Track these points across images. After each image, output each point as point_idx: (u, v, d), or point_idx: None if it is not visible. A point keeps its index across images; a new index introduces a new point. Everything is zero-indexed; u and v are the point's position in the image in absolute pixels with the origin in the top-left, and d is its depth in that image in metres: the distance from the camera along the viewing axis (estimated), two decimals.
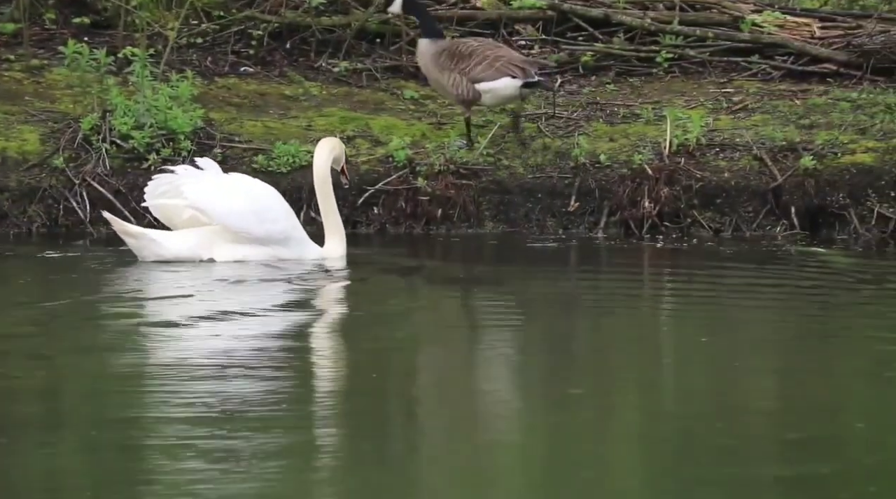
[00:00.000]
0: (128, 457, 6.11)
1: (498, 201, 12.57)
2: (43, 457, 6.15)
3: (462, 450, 6.25)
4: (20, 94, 12.82)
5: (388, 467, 6.01)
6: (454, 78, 12.25)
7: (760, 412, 6.93)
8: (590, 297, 10.11)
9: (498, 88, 12.34)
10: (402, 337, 8.62)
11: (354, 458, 6.13)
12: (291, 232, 10.85)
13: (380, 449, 6.21)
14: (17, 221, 11.99)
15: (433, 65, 12.35)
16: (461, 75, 12.26)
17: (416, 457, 6.17)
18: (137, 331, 8.59)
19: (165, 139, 12.25)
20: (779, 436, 6.51)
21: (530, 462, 6.16)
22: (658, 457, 6.18)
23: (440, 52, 12.36)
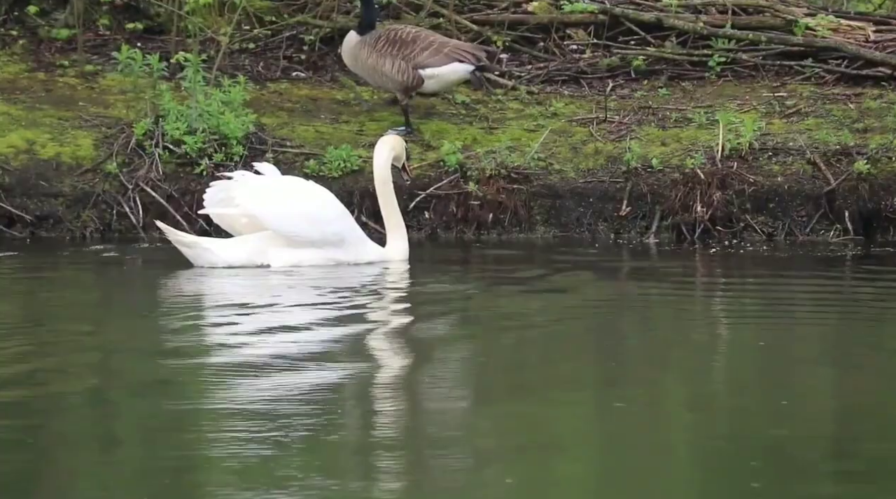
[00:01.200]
0: (185, 471, 6.14)
1: (549, 206, 12.55)
2: (100, 453, 6.19)
3: (534, 458, 6.25)
4: (74, 99, 12.89)
5: (459, 473, 6.01)
6: (398, 64, 12.32)
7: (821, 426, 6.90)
8: (645, 301, 10.07)
9: (445, 74, 12.47)
10: (469, 339, 8.60)
11: (418, 467, 6.13)
12: (347, 234, 10.83)
13: (448, 454, 6.21)
14: (71, 226, 12.05)
15: (371, 52, 12.38)
16: (405, 61, 12.29)
17: (489, 467, 6.16)
18: (194, 335, 8.61)
19: (218, 144, 12.28)
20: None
21: (593, 466, 6.15)
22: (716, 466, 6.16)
23: (376, 39, 12.44)
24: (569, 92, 13.85)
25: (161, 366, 7.79)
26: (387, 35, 12.46)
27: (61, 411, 6.91)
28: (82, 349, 8.28)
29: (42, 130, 12.41)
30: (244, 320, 8.98)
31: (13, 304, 9.80)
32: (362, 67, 12.53)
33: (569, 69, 14.03)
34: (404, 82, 12.35)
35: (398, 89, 12.47)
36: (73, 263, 11.33)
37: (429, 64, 12.37)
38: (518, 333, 8.81)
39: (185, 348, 8.20)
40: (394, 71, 12.28)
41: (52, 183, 12.11)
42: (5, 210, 11.90)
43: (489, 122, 13.18)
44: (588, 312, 9.50)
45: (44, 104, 12.76)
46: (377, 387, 7.40)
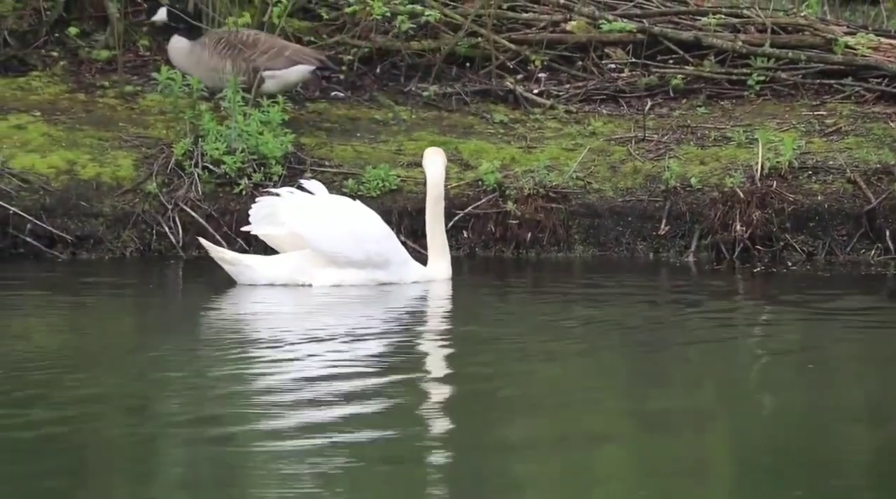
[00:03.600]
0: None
1: (588, 225, 12.52)
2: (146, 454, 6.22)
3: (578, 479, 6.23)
4: (114, 120, 12.94)
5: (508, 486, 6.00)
6: (239, 65, 12.43)
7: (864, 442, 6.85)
8: (688, 320, 10.01)
9: (286, 76, 12.60)
10: (512, 359, 8.56)
11: (464, 480, 6.11)
12: (391, 254, 10.81)
13: (504, 484, 6.19)
14: (112, 246, 12.09)
15: (212, 54, 12.47)
16: (245, 62, 12.40)
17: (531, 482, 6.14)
18: (238, 354, 8.60)
19: (257, 164, 12.31)
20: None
21: (632, 484, 6.13)
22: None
23: (216, 41, 12.54)
24: (607, 111, 13.83)
25: (203, 389, 7.78)
26: (227, 38, 12.62)
27: (104, 430, 6.91)
28: (125, 372, 8.29)
29: (82, 150, 12.46)
30: (285, 342, 8.96)
31: (57, 323, 9.83)
32: (202, 69, 12.55)
33: (607, 88, 14.02)
34: (244, 83, 12.44)
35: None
36: (114, 283, 11.36)
37: (271, 66, 12.59)
38: (560, 355, 8.75)
39: (226, 368, 8.18)
40: (235, 72, 12.42)
41: (93, 203, 12.15)
42: (46, 230, 11.95)
43: (527, 141, 13.17)
44: (631, 335, 9.44)
45: (84, 125, 12.82)
46: (422, 412, 7.35)
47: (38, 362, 8.41)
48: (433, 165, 11.11)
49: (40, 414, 7.14)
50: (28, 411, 7.20)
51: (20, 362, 8.40)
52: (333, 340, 8.94)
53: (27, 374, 8.07)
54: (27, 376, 8.02)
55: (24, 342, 9.09)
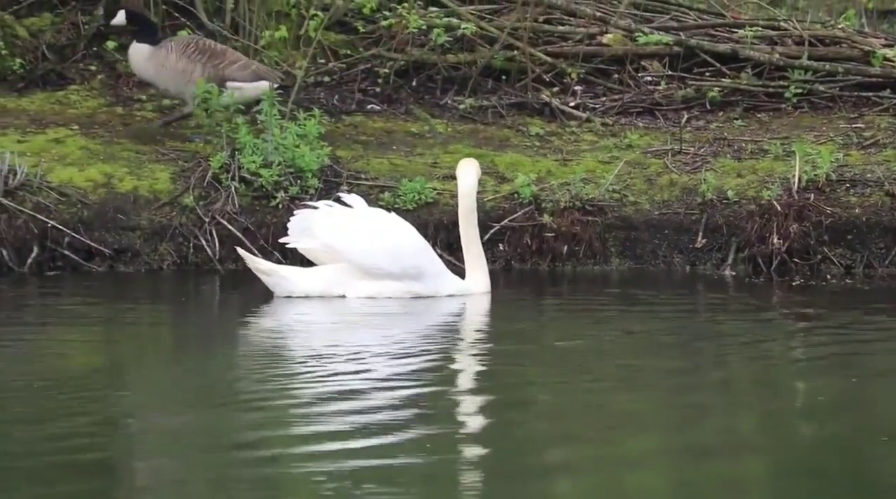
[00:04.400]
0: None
1: (624, 238, 12.50)
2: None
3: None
4: (152, 133, 12.99)
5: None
6: (208, 71, 12.47)
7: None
8: (726, 335, 9.96)
9: (249, 89, 12.63)
10: (548, 376, 8.53)
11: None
12: (427, 267, 10.81)
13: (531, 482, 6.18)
14: (149, 259, 12.12)
15: (180, 57, 12.49)
16: (214, 69, 12.46)
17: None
18: (273, 370, 8.61)
19: (293, 177, 12.33)
20: None
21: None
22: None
23: (184, 46, 12.56)
24: (643, 124, 13.81)
25: (239, 405, 7.79)
26: (196, 44, 12.66)
27: (140, 446, 6.93)
28: (161, 387, 8.32)
29: (120, 163, 12.51)
30: (320, 356, 8.95)
31: (94, 337, 9.86)
32: (167, 72, 12.55)
33: (643, 101, 14.00)
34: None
35: (193, 96, 12.54)
36: (151, 296, 11.39)
37: (236, 77, 12.61)
38: (597, 371, 8.70)
39: (261, 383, 8.19)
40: (204, 77, 12.48)
41: (130, 216, 12.19)
42: (84, 243, 12.00)
43: (563, 154, 13.16)
44: (669, 350, 9.38)
45: (122, 138, 12.87)
46: (458, 431, 7.32)
47: (75, 377, 8.44)
48: (466, 175, 11.12)
49: (76, 428, 7.15)
50: (64, 425, 7.22)
51: (56, 376, 8.43)
52: (369, 355, 8.93)
53: (64, 388, 8.10)
54: (64, 389, 8.05)
55: (61, 356, 9.12)
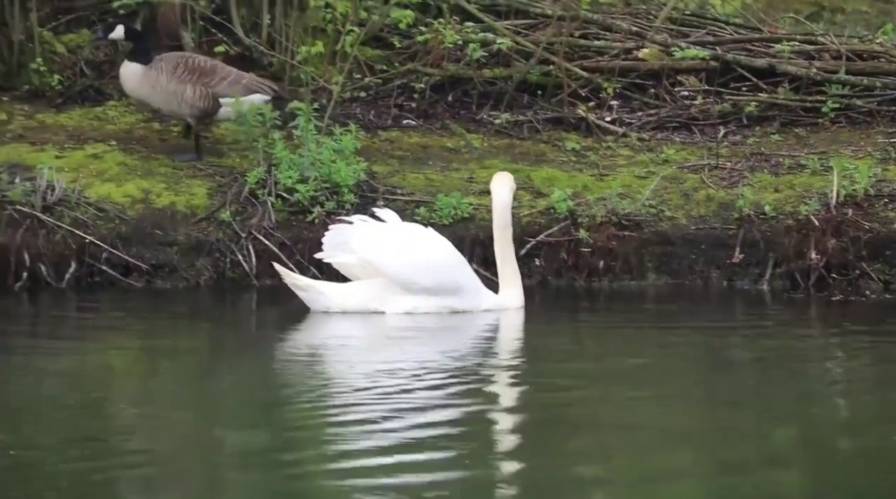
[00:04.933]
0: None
1: (661, 253, 12.46)
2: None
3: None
4: (188, 149, 13.02)
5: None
6: (199, 90, 12.42)
7: None
8: (764, 351, 9.90)
9: (243, 103, 12.57)
10: (585, 394, 8.48)
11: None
12: (463, 282, 10.80)
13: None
14: (186, 275, 12.15)
15: (170, 78, 12.45)
16: (205, 88, 12.41)
17: None
18: (310, 386, 8.60)
19: (329, 192, 12.34)
20: None
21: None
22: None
23: (174, 66, 12.51)
24: (680, 138, 13.78)
25: (275, 421, 7.78)
26: (185, 63, 12.61)
27: (177, 461, 6.93)
28: (198, 403, 8.32)
29: (157, 179, 12.55)
30: (357, 373, 8.92)
31: (131, 354, 9.88)
32: (159, 93, 12.53)
33: (680, 116, 13.97)
34: (203, 108, 12.49)
35: (194, 115, 12.55)
36: (188, 311, 11.42)
37: (228, 93, 12.58)
38: (634, 387, 8.65)
39: (297, 400, 8.18)
40: (195, 97, 12.44)
41: (167, 232, 12.22)
42: (122, 259, 12.03)
43: (600, 168, 13.14)
44: (706, 366, 9.33)
45: (159, 154, 12.91)
46: (494, 449, 7.28)
47: (113, 394, 8.45)
48: (500, 189, 11.11)
49: (117, 446, 7.16)
50: (104, 442, 7.23)
51: (95, 393, 8.45)
52: (405, 372, 8.90)
53: (103, 404, 8.11)
54: (102, 406, 8.06)
55: (99, 372, 9.14)
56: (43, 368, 9.14)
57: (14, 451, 6.89)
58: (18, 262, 11.85)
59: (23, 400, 8.19)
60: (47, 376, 8.93)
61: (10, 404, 8.12)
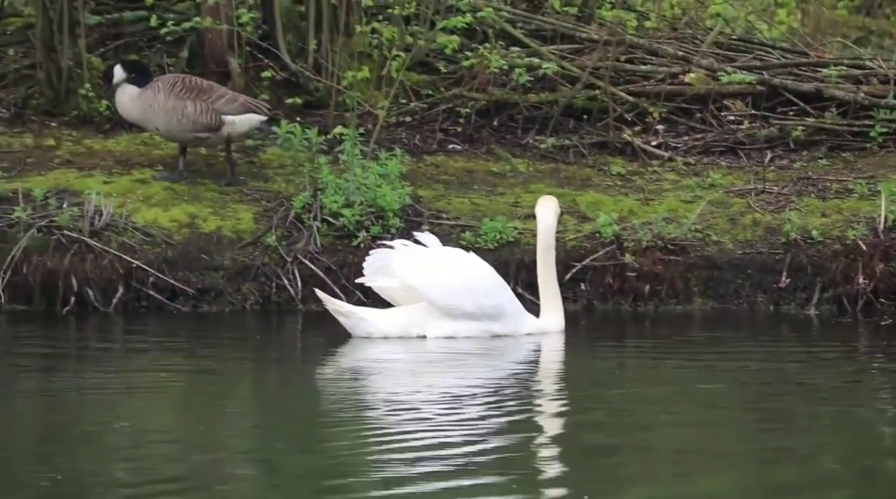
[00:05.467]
0: None
1: (707, 277, 12.41)
2: None
3: None
4: (235, 173, 13.06)
5: None
6: (200, 106, 12.46)
7: None
8: (812, 377, 9.80)
9: (240, 122, 12.63)
10: (628, 420, 8.41)
11: None
12: (505, 307, 10.79)
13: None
14: (232, 299, 12.18)
15: (168, 96, 12.49)
16: (206, 104, 12.47)
17: None
18: (352, 414, 8.58)
19: (374, 217, 12.37)
20: None
21: None
22: None
23: (171, 84, 12.56)
24: (726, 163, 13.74)
25: (319, 449, 7.78)
26: (182, 82, 12.66)
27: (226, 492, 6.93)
28: (242, 429, 8.33)
29: (204, 204, 12.60)
30: (399, 401, 8.86)
31: (177, 380, 9.91)
32: (158, 111, 12.53)
33: (726, 140, 13.93)
34: (206, 124, 12.54)
35: (197, 131, 12.56)
36: (234, 336, 11.44)
37: (227, 111, 12.62)
38: (678, 414, 8.57)
39: (340, 428, 8.16)
40: (197, 113, 12.49)
41: (214, 256, 12.27)
42: (168, 283, 12.08)
43: (645, 193, 13.11)
44: (752, 393, 9.21)
45: (205, 178, 12.97)
46: (535, 478, 7.24)
47: (158, 422, 8.46)
48: (544, 213, 11.10)
49: (160, 469, 7.18)
50: (148, 465, 7.25)
51: (140, 420, 8.48)
52: (447, 398, 8.87)
53: (147, 431, 8.13)
54: (148, 433, 8.08)
55: (144, 398, 9.17)
56: (91, 392, 9.18)
57: (60, 475, 6.91)
58: (66, 286, 11.92)
59: (69, 425, 8.22)
60: (96, 399, 8.96)
61: (57, 427, 8.15)
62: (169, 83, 12.63)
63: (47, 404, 8.81)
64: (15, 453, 7.51)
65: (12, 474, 7.03)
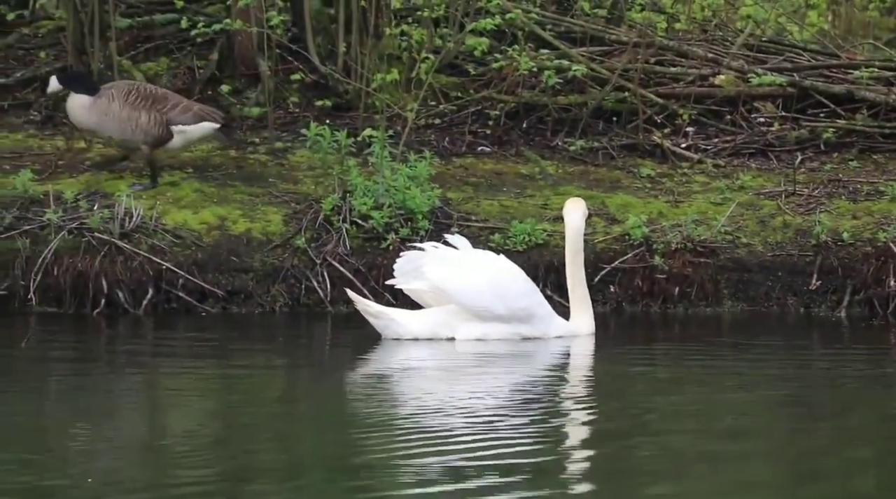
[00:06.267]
0: None
1: (737, 279, 12.38)
2: None
3: None
4: (264, 175, 13.11)
5: None
6: (153, 116, 12.41)
7: None
8: (843, 381, 9.72)
9: (193, 131, 12.60)
10: (658, 425, 8.35)
11: None
12: (535, 309, 10.78)
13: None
14: (261, 301, 12.20)
15: (123, 105, 12.43)
16: (159, 114, 12.40)
17: None
18: (380, 418, 8.58)
19: (404, 219, 12.37)
20: None
21: None
22: None
23: (125, 93, 12.49)
24: (756, 165, 13.70)
25: (348, 453, 7.78)
26: (136, 90, 12.61)
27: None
28: (272, 433, 8.35)
29: (233, 206, 12.63)
30: (428, 407, 8.82)
31: (206, 383, 9.93)
32: (112, 120, 12.50)
33: (756, 142, 13.89)
34: (158, 135, 12.50)
35: (148, 142, 12.52)
36: (263, 337, 11.46)
37: (181, 121, 12.59)
38: (708, 420, 8.49)
39: (368, 432, 8.15)
40: (150, 123, 12.45)
41: (243, 258, 12.29)
42: (198, 285, 12.11)
43: (675, 195, 13.08)
44: (784, 397, 9.13)
45: (235, 181, 13.00)
46: (572, 474, 7.22)
47: (189, 425, 8.47)
48: (572, 214, 11.09)
49: (189, 475, 7.19)
50: (179, 471, 7.26)
51: (171, 422, 8.49)
52: (477, 400, 8.84)
53: (177, 436, 8.14)
54: (177, 437, 8.09)
55: (174, 401, 9.19)
56: (122, 393, 9.21)
57: (91, 479, 6.93)
58: (97, 288, 11.96)
59: (97, 426, 8.25)
60: (126, 401, 9.00)
61: (86, 429, 8.18)
62: (124, 92, 12.58)
63: (76, 405, 8.84)
64: (37, 454, 7.53)
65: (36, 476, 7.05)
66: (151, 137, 12.54)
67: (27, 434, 7.91)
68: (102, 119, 12.56)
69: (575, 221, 11.07)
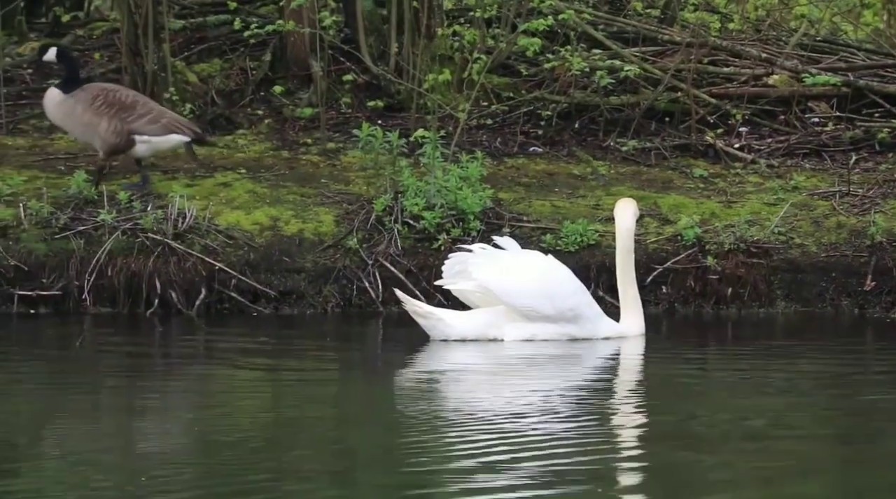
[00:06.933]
0: None
1: (790, 280, 12.31)
2: None
3: None
4: (316, 176, 13.15)
5: None
6: (114, 124, 12.25)
7: None
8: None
9: (160, 143, 12.43)
10: (708, 430, 8.27)
11: None
12: (583, 310, 10.75)
13: None
14: (313, 301, 12.23)
15: (86, 109, 12.30)
16: (121, 123, 12.26)
17: None
18: (429, 421, 8.57)
19: (455, 219, 12.37)
20: None
21: None
22: None
23: (93, 97, 12.35)
24: (810, 165, 13.62)
25: (396, 455, 7.78)
26: (104, 95, 12.45)
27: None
28: (322, 437, 8.36)
29: (285, 206, 12.68)
30: (477, 408, 8.81)
31: (258, 383, 9.96)
32: (75, 123, 12.44)
33: (810, 142, 13.81)
34: (115, 144, 12.38)
35: (104, 149, 12.44)
36: (315, 338, 11.49)
37: (146, 131, 12.42)
38: (759, 424, 8.38)
39: (417, 435, 8.16)
40: (109, 131, 12.31)
41: (295, 259, 12.33)
42: (250, 286, 12.16)
43: (728, 196, 13.03)
44: (839, 402, 9.02)
45: (287, 181, 13.05)
46: (623, 478, 7.18)
47: (240, 425, 8.50)
48: (623, 214, 11.05)
49: (237, 478, 7.21)
50: (227, 473, 7.28)
51: (222, 423, 8.53)
52: (526, 401, 8.82)
53: (229, 436, 8.17)
54: (228, 437, 8.12)
55: (226, 401, 9.22)
56: (178, 393, 9.26)
57: (144, 478, 6.98)
58: (150, 288, 12.03)
59: (146, 428, 8.29)
60: (185, 400, 9.04)
61: (136, 431, 8.23)
62: (91, 96, 12.46)
63: (129, 405, 8.89)
64: (80, 456, 7.58)
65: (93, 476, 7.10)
66: (108, 145, 12.42)
67: (82, 435, 7.96)
68: (66, 119, 12.55)
69: (625, 221, 11.04)
